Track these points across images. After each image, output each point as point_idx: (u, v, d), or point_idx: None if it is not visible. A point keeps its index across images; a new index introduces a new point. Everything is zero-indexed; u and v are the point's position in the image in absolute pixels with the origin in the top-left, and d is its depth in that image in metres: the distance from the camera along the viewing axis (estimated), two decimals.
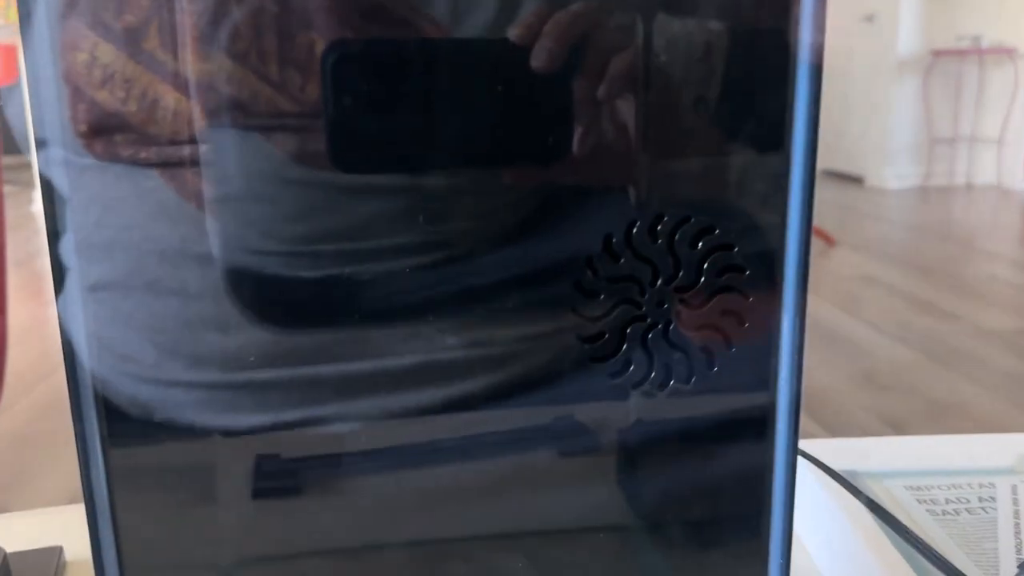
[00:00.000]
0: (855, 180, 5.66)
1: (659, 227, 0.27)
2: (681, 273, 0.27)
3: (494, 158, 0.26)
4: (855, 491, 0.33)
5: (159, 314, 0.26)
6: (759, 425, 0.29)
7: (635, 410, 0.28)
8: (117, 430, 0.27)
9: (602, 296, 0.27)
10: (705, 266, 0.27)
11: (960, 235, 4.13)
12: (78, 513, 0.29)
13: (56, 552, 0.41)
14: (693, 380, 0.28)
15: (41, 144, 0.24)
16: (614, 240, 0.26)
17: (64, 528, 0.44)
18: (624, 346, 0.27)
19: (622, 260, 0.27)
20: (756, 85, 0.27)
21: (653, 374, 0.28)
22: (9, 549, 0.40)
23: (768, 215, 0.27)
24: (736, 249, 0.27)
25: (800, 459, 0.42)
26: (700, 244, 0.27)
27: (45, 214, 0.25)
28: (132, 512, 0.28)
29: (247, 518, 0.29)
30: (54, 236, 0.25)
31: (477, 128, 0.26)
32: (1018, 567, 0.36)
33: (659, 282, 0.27)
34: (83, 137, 0.24)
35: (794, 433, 0.29)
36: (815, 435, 1.73)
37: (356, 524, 0.29)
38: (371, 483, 0.29)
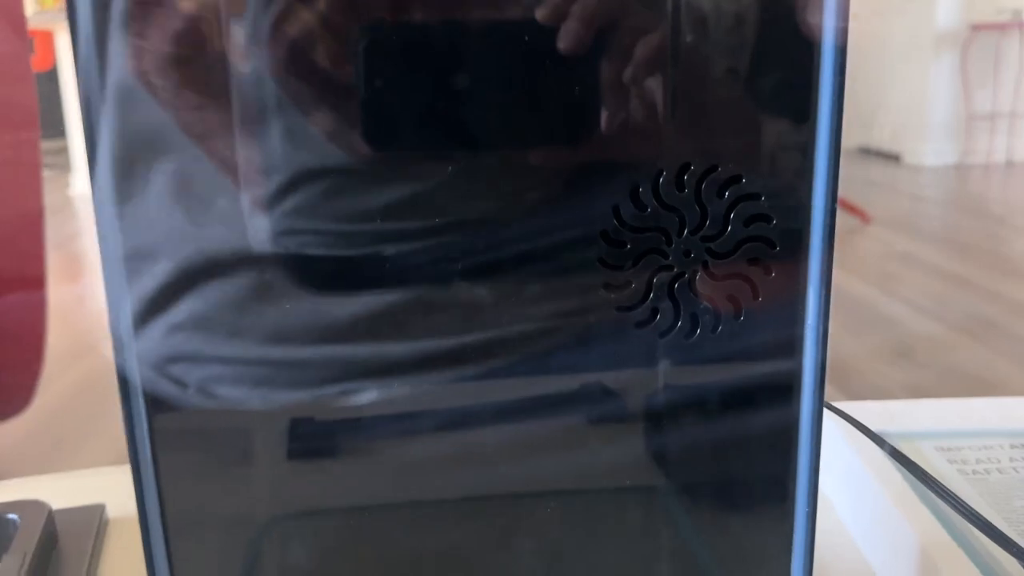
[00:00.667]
0: (892, 157, 5.59)
1: (685, 176, 0.27)
2: (708, 222, 0.27)
3: (522, 130, 0.27)
4: (880, 441, 0.33)
5: (194, 286, 0.27)
6: (785, 382, 0.29)
7: (661, 373, 0.29)
8: (158, 400, 0.28)
9: (628, 246, 0.27)
10: (732, 215, 0.27)
11: (999, 212, 4.07)
12: (118, 474, 0.30)
13: (99, 510, 0.42)
14: (719, 329, 0.28)
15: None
16: (640, 190, 0.27)
17: (106, 488, 0.46)
18: (651, 295, 0.28)
19: (648, 210, 0.27)
20: (783, 42, 0.27)
21: (680, 323, 0.28)
22: (55, 507, 0.42)
23: (794, 165, 0.27)
24: (763, 199, 0.27)
25: (829, 421, 0.42)
26: (727, 194, 0.27)
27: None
28: (174, 473, 0.29)
29: (285, 477, 0.29)
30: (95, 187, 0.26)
31: (502, 99, 0.26)
32: None
33: (685, 232, 0.27)
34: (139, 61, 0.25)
35: (820, 389, 0.29)
36: None
37: (388, 483, 0.30)
38: (402, 445, 0.29)
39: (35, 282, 0.73)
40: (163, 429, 0.28)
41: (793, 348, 0.29)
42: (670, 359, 0.28)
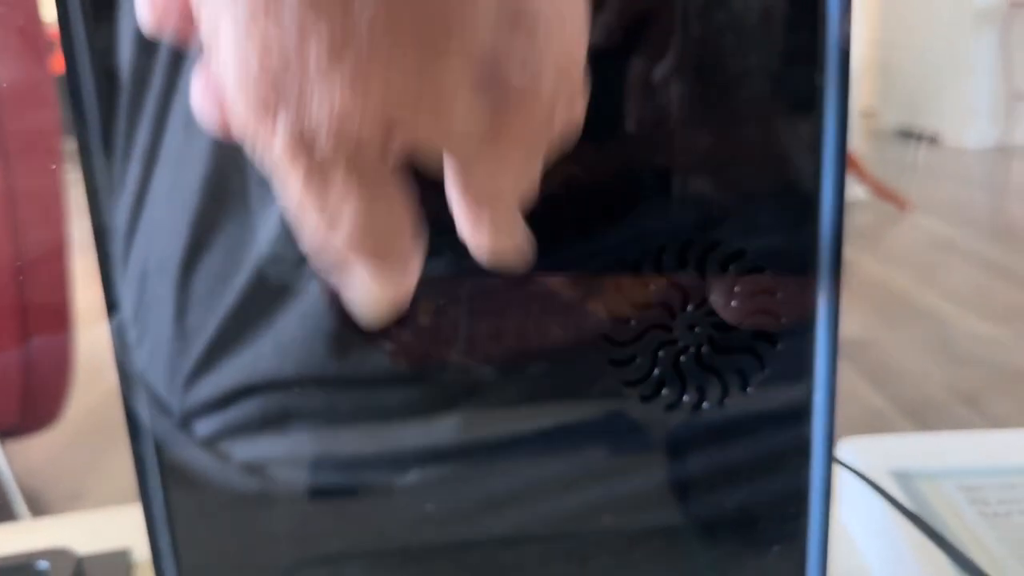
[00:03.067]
0: (930, 140, 5.49)
1: (688, 252, 0.27)
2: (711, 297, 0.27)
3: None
4: (895, 503, 0.33)
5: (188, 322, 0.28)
6: (796, 436, 0.29)
7: (668, 444, 0.29)
8: (167, 440, 0.28)
9: (632, 321, 0.27)
10: (736, 289, 0.27)
11: None
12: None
13: (125, 555, 0.43)
14: (726, 401, 0.28)
15: None
16: (643, 266, 0.27)
17: (131, 527, 0.46)
18: (656, 370, 0.28)
19: (651, 286, 0.27)
20: (783, 119, 0.26)
21: (686, 397, 0.28)
22: (80, 550, 0.43)
23: (798, 238, 0.27)
24: (767, 271, 0.27)
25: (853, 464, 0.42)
26: (730, 268, 0.27)
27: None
28: (187, 516, 0.29)
29: (302, 520, 0.30)
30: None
31: None
32: None
33: (689, 306, 0.27)
34: None
35: (829, 442, 0.29)
36: (885, 412, 1.69)
37: (409, 527, 0.30)
38: (421, 489, 0.30)
39: (60, 307, 0.74)
40: (173, 469, 0.29)
41: (802, 407, 0.29)
42: (678, 429, 0.28)
